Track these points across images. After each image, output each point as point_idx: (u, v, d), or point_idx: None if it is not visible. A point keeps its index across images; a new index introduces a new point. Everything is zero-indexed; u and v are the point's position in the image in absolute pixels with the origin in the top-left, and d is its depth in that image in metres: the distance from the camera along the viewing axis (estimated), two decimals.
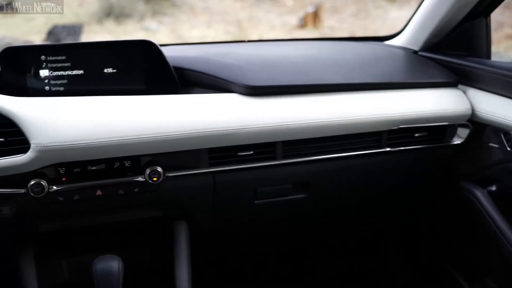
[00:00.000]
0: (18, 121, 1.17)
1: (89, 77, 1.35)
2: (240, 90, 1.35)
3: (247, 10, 8.59)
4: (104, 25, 8.03)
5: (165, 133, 1.24)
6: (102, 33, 7.77)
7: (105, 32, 7.83)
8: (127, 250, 1.45)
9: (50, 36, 7.26)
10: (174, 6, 8.49)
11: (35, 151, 1.16)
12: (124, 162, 1.29)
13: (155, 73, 1.37)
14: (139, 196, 1.34)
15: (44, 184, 1.21)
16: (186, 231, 1.45)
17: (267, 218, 1.61)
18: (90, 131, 1.19)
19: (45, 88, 1.33)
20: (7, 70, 1.30)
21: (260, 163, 1.40)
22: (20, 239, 1.37)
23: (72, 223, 1.38)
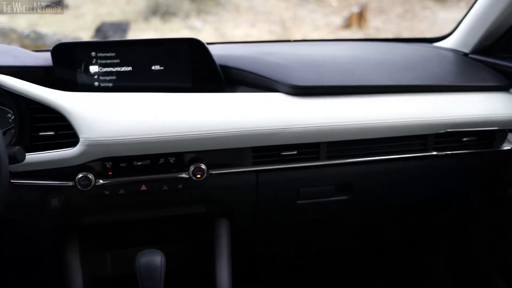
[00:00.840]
0: (68, 115, 1.20)
1: (137, 73, 1.37)
2: (286, 90, 1.35)
3: (291, 10, 8.57)
4: (150, 23, 8.16)
5: (210, 131, 1.24)
6: (148, 31, 7.89)
7: (151, 30, 7.94)
8: (169, 245, 1.47)
9: (98, 33, 7.42)
10: (219, 5, 8.55)
11: (83, 145, 1.19)
12: (169, 159, 1.31)
13: (201, 71, 1.39)
14: (183, 193, 1.35)
15: (91, 177, 1.24)
16: (227, 228, 1.46)
17: (309, 218, 1.60)
18: (137, 127, 1.21)
19: (95, 83, 1.36)
20: (59, 66, 1.33)
21: (304, 163, 1.39)
22: (66, 231, 1.41)
23: (117, 217, 1.41)
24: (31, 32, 5.24)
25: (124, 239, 1.54)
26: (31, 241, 1.42)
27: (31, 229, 1.36)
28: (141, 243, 1.49)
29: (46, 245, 1.44)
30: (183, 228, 1.55)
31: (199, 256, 1.56)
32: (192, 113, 1.27)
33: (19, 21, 7.43)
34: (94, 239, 1.47)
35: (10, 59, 1.32)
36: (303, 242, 1.85)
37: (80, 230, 1.42)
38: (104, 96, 1.28)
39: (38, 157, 1.21)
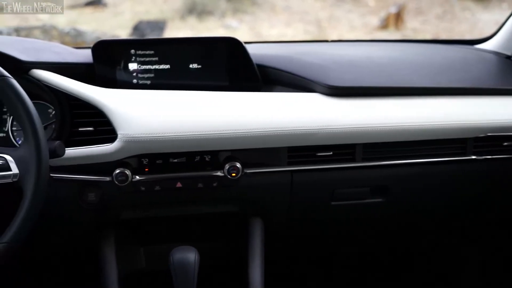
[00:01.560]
0: (107, 112, 1.22)
1: (175, 71, 1.38)
2: (323, 90, 1.34)
3: (327, 10, 8.52)
4: (186, 21, 8.22)
5: (246, 130, 1.25)
6: (185, 30, 7.95)
7: (188, 28, 8.01)
8: (202, 242, 1.47)
9: (135, 31, 7.52)
10: (255, 4, 8.56)
11: (121, 141, 1.21)
12: (205, 156, 1.32)
13: (239, 70, 1.39)
14: (217, 191, 1.36)
15: (128, 173, 1.26)
16: (261, 228, 1.46)
17: (343, 220, 1.59)
18: (174, 124, 1.22)
19: (133, 81, 1.38)
20: (99, 62, 1.36)
21: (339, 165, 1.38)
22: (102, 225, 1.43)
23: (152, 213, 1.43)
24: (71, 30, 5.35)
25: (158, 235, 1.55)
26: (68, 235, 1.45)
27: (68, 224, 1.38)
28: (175, 239, 1.50)
29: (82, 240, 1.47)
30: (217, 226, 1.56)
31: (232, 255, 1.57)
32: (228, 111, 1.27)
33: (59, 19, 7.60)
34: (129, 234, 1.49)
35: (52, 55, 1.35)
36: (335, 244, 1.84)
37: (115, 225, 1.44)
38: (142, 93, 1.30)
39: (77, 152, 1.23)
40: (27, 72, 1.25)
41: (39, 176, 1.01)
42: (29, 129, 1.02)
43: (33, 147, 1.02)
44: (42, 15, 7.91)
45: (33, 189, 1.01)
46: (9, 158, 1.04)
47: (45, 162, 1.03)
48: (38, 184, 1.01)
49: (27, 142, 1.03)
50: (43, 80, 1.25)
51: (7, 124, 1.34)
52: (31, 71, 1.25)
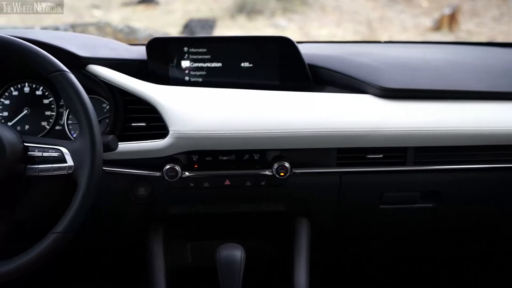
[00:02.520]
0: (160, 108, 1.24)
1: (227, 70, 1.39)
2: (375, 92, 1.32)
3: (379, 10, 8.39)
4: (236, 20, 8.27)
5: (296, 129, 1.24)
6: (234, 28, 7.99)
7: (237, 27, 8.05)
8: (248, 240, 1.48)
9: (185, 29, 7.61)
10: (304, 4, 8.52)
11: (172, 138, 1.22)
12: (254, 155, 1.32)
13: (290, 69, 1.39)
14: (265, 190, 1.36)
15: (178, 169, 1.27)
16: (307, 228, 1.45)
17: (391, 223, 1.57)
18: (224, 122, 1.23)
19: (185, 78, 1.40)
20: (152, 59, 1.38)
21: (389, 168, 1.36)
22: (151, 220, 1.45)
23: (200, 209, 1.44)
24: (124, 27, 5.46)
25: (205, 231, 1.57)
26: (117, 228, 1.48)
27: (118, 217, 1.41)
28: (221, 236, 1.51)
29: (131, 233, 1.50)
30: (263, 225, 1.56)
31: (277, 254, 1.57)
32: (279, 111, 1.27)
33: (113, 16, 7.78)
34: (176, 229, 1.51)
35: (108, 51, 1.38)
36: (381, 246, 1.81)
37: (164, 220, 1.47)
38: (194, 90, 1.32)
39: (129, 146, 1.25)
40: (84, 67, 1.29)
41: (93, 168, 1.04)
42: (85, 123, 1.05)
43: (88, 140, 1.04)
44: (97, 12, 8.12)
45: (87, 181, 1.03)
46: (65, 151, 1.06)
47: (99, 155, 1.05)
48: (92, 176, 1.03)
49: (82, 135, 1.05)
50: (99, 75, 1.28)
51: (63, 117, 1.38)
52: (88, 67, 1.29)
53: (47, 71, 1.06)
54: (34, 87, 1.38)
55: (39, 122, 1.38)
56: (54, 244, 1.03)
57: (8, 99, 1.38)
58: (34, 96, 1.38)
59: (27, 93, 1.38)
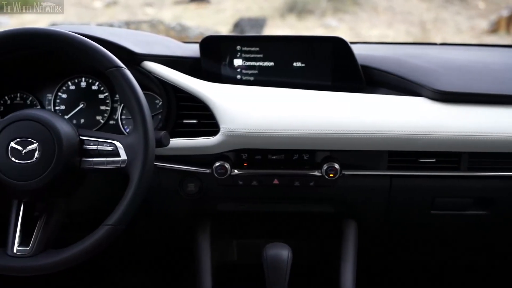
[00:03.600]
0: (212, 105, 1.25)
1: (279, 69, 1.39)
2: (430, 95, 1.29)
3: (433, 11, 8.22)
4: (286, 20, 8.26)
5: (347, 130, 1.23)
6: (284, 28, 7.99)
7: (286, 27, 8.04)
8: (295, 240, 1.48)
9: (235, 27, 7.66)
10: (356, 4, 8.43)
11: (223, 135, 1.23)
12: (303, 155, 1.31)
13: (343, 70, 1.37)
14: (313, 190, 1.35)
15: (227, 167, 1.28)
16: (355, 231, 1.44)
17: (441, 230, 1.53)
18: (275, 121, 1.23)
19: (237, 76, 1.41)
20: (205, 57, 1.39)
21: (442, 173, 1.33)
22: (199, 216, 1.47)
23: (247, 207, 1.45)
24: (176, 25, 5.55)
25: (251, 229, 1.57)
26: (166, 223, 1.50)
27: (167, 212, 1.44)
28: (267, 235, 1.51)
29: (179, 228, 1.52)
30: (310, 225, 1.55)
31: (324, 255, 1.56)
32: (330, 111, 1.26)
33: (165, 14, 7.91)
34: (223, 226, 1.52)
35: (162, 48, 1.41)
36: (429, 252, 1.77)
37: (211, 216, 1.48)
38: (246, 89, 1.32)
39: (181, 143, 1.27)
40: (140, 64, 1.31)
41: (145, 163, 1.05)
42: (139, 118, 1.07)
43: (141, 135, 1.06)
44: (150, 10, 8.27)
45: (139, 175, 1.05)
46: (118, 145, 1.09)
47: (152, 151, 1.07)
48: (144, 171, 1.05)
49: (136, 130, 1.07)
50: (153, 72, 1.30)
51: (117, 112, 1.41)
52: (143, 63, 1.31)
53: (105, 67, 1.08)
54: (90, 82, 1.42)
55: (94, 116, 1.41)
56: (106, 236, 1.05)
57: (65, 93, 1.42)
58: (90, 91, 1.42)
59: (84, 87, 1.42)
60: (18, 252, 1.07)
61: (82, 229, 1.15)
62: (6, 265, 1.07)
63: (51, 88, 1.42)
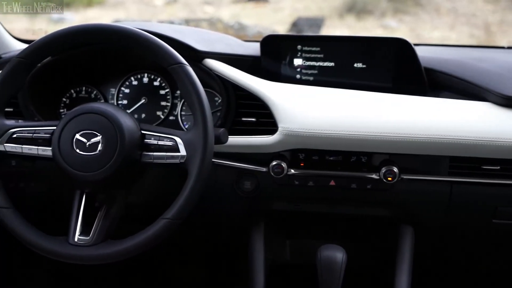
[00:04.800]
0: (271, 104, 1.25)
1: (339, 69, 1.38)
2: (497, 100, 1.25)
3: (499, 13, 7.93)
4: (344, 20, 8.17)
5: (408, 134, 1.20)
6: (341, 28, 7.90)
7: (344, 27, 7.95)
8: (349, 243, 1.46)
9: (293, 27, 7.63)
10: (418, 5, 8.24)
11: (281, 135, 1.23)
12: (361, 157, 1.30)
13: (405, 72, 1.35)
14: (370, 193, 1.33)
15: (284, 166, 1.28)
16: (411, 236, 1.40)
17: (501, 239, 1.47)
18: (334, 122, 1.22)
19: (297, 76, 1.40)
20: (266, 56, 1.40)
21: (506, 181, 1.28)
22: (254, 214, 1.47)
23: (302, 207, 1.44)
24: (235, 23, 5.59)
25: (305, 230, 1.56)
26: (221, 220, 1.51)
27: (223, 209, 1.45)
28: (321, 236, 1.50)
29: (233, 225, 1.53)
30: (365, 229, 1.53)
31: (378, 259, 1.53)
32: (391, 114, 1.24)
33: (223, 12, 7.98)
34: (277, 226, 1.52)
35: (224, 46, 1.42)
36: (487, 262, 1.71)
37: (266, 215, 1.48)
38: (305, 89, 1.32)
39: (238, 140, 1.28)
40: (201, 61, 1.33)
41: (204, 159, 1.06)
42: (200, 115, 1.08)
43: (201, 132, 1.07)
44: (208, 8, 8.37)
45: (197, 171, 1.06)
46: (178, 141, 1.10)
47: (211, 147, 1.08)
48: (202, 167, 1.06)
49: (196, 127, 1.08)
50: (214, 69, 1.31)
51: (177, 108, 1.44)
52: (205, 61, 1.33)
53: (168, 63, 1.10)
54: (152, 78, 1.45)
55: (154, 112, 1.44)
56: (163, 229, 1.07)
57: (128, 88, 1.46)
58: (151, 87, 1.45)
59: (146, 83, 1.45)
60: (78, 241, 1.10)
61: (137, 222, 1.18)
62: (67, 253, 1.11)
63: (115, 83, 1.46)
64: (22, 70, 1.14)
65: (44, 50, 1.14)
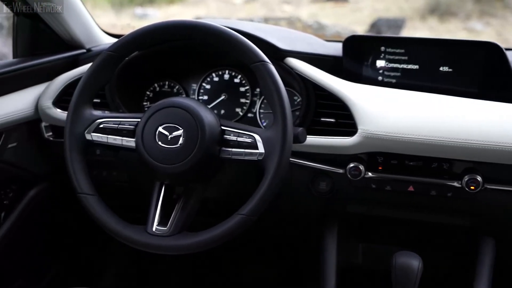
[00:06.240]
0: (351, 105, 1.23)
1: (423, 73, 1.34)
2: None
3: None
4: (426, 21, 7.94)
5: (495, 142, 1.15)
6: (423, 30, 7.69)
7: (426, 29, 7.73)
8: (424, 251, 1.42)
9: (372, 28, 7.50)
10: (506, 7, 7.87)
11: (360, 137, 1.21)
12: (443, 164, 1.26)
13: (494, 78, 1.29)
14: (450, 201, 1.29)
15: (362, 168, 1.26)
16: (493, 249, 1.34)
17: None
18: (417, 126, 1.19)
19: (378, 78, 1.38)
20: (348, 56, 1.38)
21: None
22: (327, 215, 1.46)
23: (377, 212, 1.41)
24: (314, 23, 5.58)
25: (379, 234, 1.53)
26: (294, 219, 1.51)
27: (296, 208, 1.45)
28: (395, 242, 1.47)
29: (306, 225, 1.52)
30: (442, 237, 1.48)
31: (455, 270, 1.48)
32: (477, 120, 1.19)
33: (301, 12, 7.98)
34: (350, 228, 1.50)
35: (305, 46, 1.42)
36: None
37: (339, 217, 1.46)
38: (387, 91, 1.29)
39: (316, 140, 1.27)
40: (283, 60, 1.33)
41: (282, 157, 1.06)
42: (280, 113, 1.07)
43: (280, 130, 1.07)
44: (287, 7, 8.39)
45: (275, 169, 1.06)
46: (257, 138, 1.10)
47: (289, 146, 1.08)
48: (280, 165, 1.06)
49: (276, 125, 1.08)
50: (295, 68, 1.31)
51: (256, 106, 1.45)
52: (286, 59, 1.33)
53: (251, 61, 1.10)
54: (233, 74, 1.47)
55: (233, 108, 1.46)
56: (238, 225, 1.08)
57: (209, 84, 1.49)
58: (232, 83, 1.47)
59: (226, 80, 1.47)
60: (156, 231, 1.13)
61: (210, 216, 1.20)
62: (145, 241, 1.14)
63: (197, 78, 1.49)
64: (111, 63, 1.18)
65: (133, 45, 1.18)
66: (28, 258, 1.67)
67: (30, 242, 1.66)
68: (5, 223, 1.46)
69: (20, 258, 1.62)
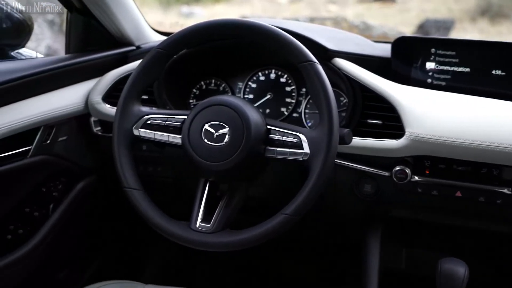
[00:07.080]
0: (399, 108, 1.21)
1: (475, 76, 1.31)
2: None
3: None
4: (476, 23, 7.74)
5: None
6: (472, 32, 7.50)
7: (476, 31, 7.53)
8: (471, 258, 1.39)
9: (419, 29, 7.36)
10: None
11: (408, 139, 1.19)
12: (493, 170, 1.22)
13: None
14: (499, 208, 1.25)
15: (408, 172, 1.24)
16: None
17: None
18: (466, 130, 1.16)
19: (427, 80, 1.35)
20: (396, 58, 1.36)
21: None
22: (371, 218, 1.45)
23: (422, 216, 1.39)
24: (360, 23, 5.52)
25: (423, 240, 1.51)
26: (336, 222, 1.50)
27: (339, 209, 1.43)
28: (440, 248, 1.44)
29: (349, 227, 1.51)
30: (490, 246, 1.44)
31: (503, 278, 1.43)
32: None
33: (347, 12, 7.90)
34: (394, 232, 1.48)
35: (353, 46, 1.40)
36: None
37: (383, 220, 1.45)
38: (436, 94, 1.27)
39: (362, 142, 1.26)
40: (330, 60, 1.32)
41: (327, 158, 1.05)
42: (326, 114, 1.06)
43: (326, 131, 1.06)
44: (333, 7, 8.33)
45: (320, 169, 1.05)
46: (303, 138, 1.09)
47: (334, 147, 1.07)
48: (325, 166, 1.05)
49: (322, 125, 1.07)
50: (343, 69, 1.30)
51: (301, 106, 1.44)
52: (334, 59, 1.32)
53: (298, 60, 1.10)
54: (279, 74, 1.47)
55: (279, 108, 1.46)
56: (281, 224, 1.07)
57: (255, 83, 1.49)
58: (278, 83, 1.47)
59: (272, 79, 1.47)
60: (199, 227, 1.13)
61: (253, 215, 1.20)
62: (188, 237, 1.14)
63: (243, 77, 1.50)
64: (161, 60, 1.19)
65: (182, 43, 1.19)
66: (73, 249, 1.71)
67: (77, 233, 1.70)
68: (54, 214, 1.50)
69: (66, 249, 1.66)
